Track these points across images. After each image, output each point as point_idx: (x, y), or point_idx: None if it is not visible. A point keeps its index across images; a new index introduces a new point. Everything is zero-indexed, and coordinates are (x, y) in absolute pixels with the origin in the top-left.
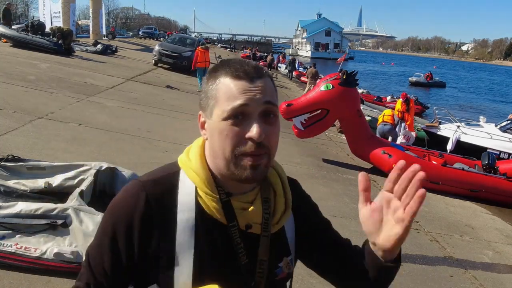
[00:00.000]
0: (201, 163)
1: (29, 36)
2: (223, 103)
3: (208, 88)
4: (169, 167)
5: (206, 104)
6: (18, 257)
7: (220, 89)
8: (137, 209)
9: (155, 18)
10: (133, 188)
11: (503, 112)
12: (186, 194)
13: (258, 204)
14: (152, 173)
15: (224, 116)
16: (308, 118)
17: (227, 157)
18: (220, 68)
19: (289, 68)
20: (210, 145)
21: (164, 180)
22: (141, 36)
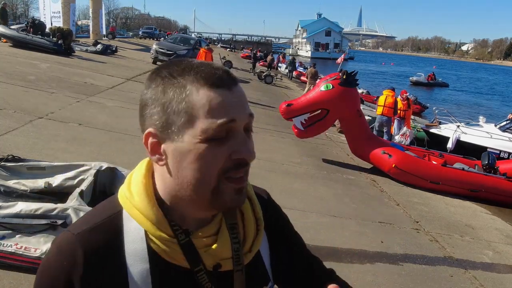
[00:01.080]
0: (148, 199)
1: (29, 36)
2: (203, 121)
3: (167, 100)
4: (108, 207)
5: (167, 121)
6: (18, 257)
7: (194, 101)
8: (76, 271)
9: (155, 18)
10: (66, 244)
11: (503, 111)
12: (134, 241)
13: (224, 235)
14: (87, 219)
15: (207, 137)
16: (308, 118)
17: (209, 185)
18: (185, 74)
19: (289, 68)
20: (176, 173)
21: (103, 228)
22: (141, 36)
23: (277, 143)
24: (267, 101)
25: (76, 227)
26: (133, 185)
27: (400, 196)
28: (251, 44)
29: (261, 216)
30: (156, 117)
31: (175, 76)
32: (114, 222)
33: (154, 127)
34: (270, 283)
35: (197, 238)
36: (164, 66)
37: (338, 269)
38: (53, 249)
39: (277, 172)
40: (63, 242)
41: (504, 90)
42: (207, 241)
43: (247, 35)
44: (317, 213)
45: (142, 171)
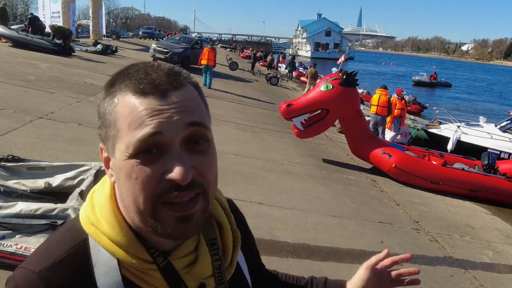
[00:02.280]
0: (117, 223)
1: (28, 37)
2: (126, 134)
3: (104, 111)
4: (70, 235)
5: (106, 135)
6: (18, 257)
7: (119, 112)
8: None
9: (155, 18)
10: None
11: (502, 111)
12: (107, 274)
13: (203, 251)
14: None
15: (130, 153)
16: (308, 118)
17: (142, 210)
18: (118, 80)
19: (289, 68)
20: (119, 191)
21: (69, 262)
22: (141, 36)
23: (277, 143)
24: (267, 101)
25: (35, 263)
26: (98, 207)
27: (400, 196)
28: (251, 44)
29: (236, 228)
30: (101, 131)
31: (112, 84)
32: (80, 254)
33: (102, 141)
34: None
35: (176, 259)
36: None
37: (338, 269)
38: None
39: (277, 172)
40: (21, 283)
41: (504, 90)
42: (187, 260)
43: (247, 35)
44: (317, 213)
45: (106, 190)
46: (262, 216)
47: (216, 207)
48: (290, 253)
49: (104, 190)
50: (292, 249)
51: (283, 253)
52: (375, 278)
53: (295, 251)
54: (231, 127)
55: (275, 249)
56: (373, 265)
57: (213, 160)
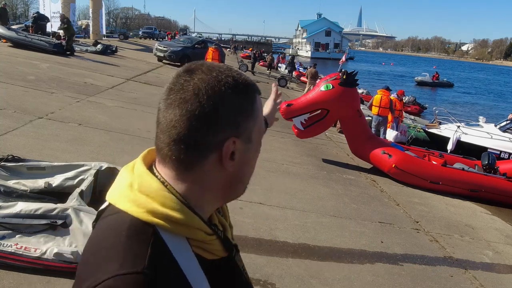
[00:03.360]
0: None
1: (28, 38)
2: (260, 123)
3: (245, 108)
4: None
5: (245, 127)
6: (18, 257)
7: (257, 108)
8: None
9: (155, 18)
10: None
11: (502, 111)
12: (184, 255)
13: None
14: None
15: (261, 137)
16: (308, 118)
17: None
18: (249, 83)
19: (289, 68)
20: (234, 175)
21: (157, 256)
22: (141, 36)
23: (277, 143)
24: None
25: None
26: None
27: (400, 196)
28: (251, 44)
29: None
30: (242, 124)
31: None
32: (160, 245)
33: (237, 134)
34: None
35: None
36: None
37: (338, 269)
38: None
39: (277, 172)
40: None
41: (504, 90)
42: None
43: (247, 35)
44: (317, 213)
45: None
46: (262, 216)
47: None
48: (290, 253)
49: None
50: (292, 249)
51: (283, 253)
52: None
53: (295, 251)
54: None
55: (275, 249)
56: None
57: None
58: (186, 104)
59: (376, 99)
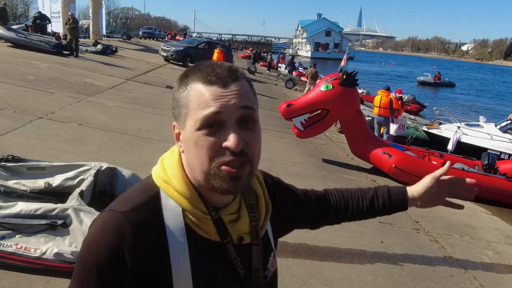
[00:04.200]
0: (184, 180)
1: (27, 39)
2: (195, 112)
3: (179, 96)
4: (146, 188)
5: (179, 114)
6: (18, 257)
7: (191, 96)
8: (125, 246)
9: (155, 18)
10: (114, 221)
11: (502, 111)
12: (173, 218)
13: (244, 213)
14: (128, 199)
15: (197, 126)
16: (308, 118)
17: (205, 170)
18: (191, 73)
19: (289, 68)
20: (187, 158)
21: (145, 207)
22: (141, 36)
23: (277, 143)
24: (266, 101)
25: (118, 206)
26: (169, 169)
27: None
28: (251, 44)
29: (268, 199)
30: (175, 111)
31: (186, 75)
32: (154, 202)
33: (175, 119)
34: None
35: (224, 215)
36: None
37: (338, 269)
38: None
39: (277, 172)
40: (110, 220)
41: (504, 90)
42: (232, 217)
43: (247, 35)
44: None
45: (176, 157)
46: None
47: (255, 181)
48: (290, 253)
49: (174, 157)
50: (292, 249)
51: (283, 253)
52: (436, 190)
53: (295, 251)
54: None
55: None
56: (439, 177)
57: (258, 137)
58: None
59: (376, 100)
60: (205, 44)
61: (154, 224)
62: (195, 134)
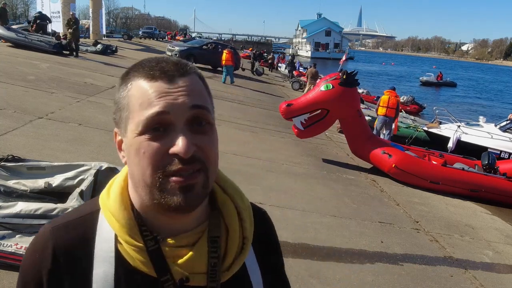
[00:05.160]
0: (121, 201)
1: (27, 39)
2: (137, 114)
3: (119, 97)
4: (89, 205)
5: (120, 118)
6: (18, 257)
7: (132, 95)
8: (44, 264)
9: (155, 18)
10: (41, 236)
11: (502, 111)
12: (104, 242)
13: (201, 247)
14: (67, 214)
15: (140, 130)
16: (308, 118)
17: (148, 182)
18: (133, 69)
19: (289, 68)
20: (129, 169)
21: (77, 224)
22: (141, 36)
23: (277, 143)
24: (267, 101)
25: (54, 221)
26: (113, 187)
27: (400, 196)
28: (251, 44)
29: (249, 235)
30: (115, 115)
31: (127, 73)
32: (89, 220)
33: (116, 125)
34: None
35: (169, 247)
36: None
37: (338, 269)
38: (31, 243)
39: (277, 172)
40: (39, 236)
41: (504, 89)
42: (180, 251)
43: (247, 35)
44: (317, 213)
45: (123, 174)
46: None
47: (230, 211)
48: (290, 253)
49: (122, 174)
50: (292, 249)
51: (283, 253)
52: None
53: (295, 251)
54: (231, 127)
55: None
56: None
57: (214, 141)
58: None
59: (383, 100)
60: (209, 45)
61: (82, 246)
62: (136, 139)
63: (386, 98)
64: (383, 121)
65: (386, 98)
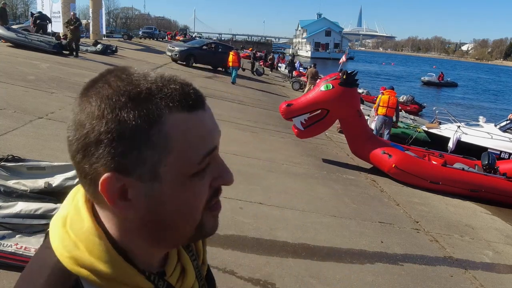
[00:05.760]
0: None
1: (27, 39)
2: (187, 153)
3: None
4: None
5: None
6: (18, 257)
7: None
8: None
9: (155, 18)
10: None
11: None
12: None
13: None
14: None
15: (194, 172)
16: (308, 118)
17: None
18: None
19: (289, 68)
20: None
21: None
22: (141, 36)
23: (277, 143)
24: (267, 101)
25: None
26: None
27: (400, 196)
28: (251, 44)
29: None
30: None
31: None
32: None
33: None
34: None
35: (170, 277)
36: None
37: (338, 269)
38: None
39: (277, 172)
40: None
41: (504, 89)
42: (177, 274)
43: (247, 35)
44: (317, 213)
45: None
46: (262, 216)
47: None
48: (290, 253)
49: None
50: (292, 249)
51: (283, 253)
52: None
53: (295, 251)
54: (231, 127)
55: (275, 249)
56: None
57: None
58: None
59: (383, 100)
60: (210, 45)
61: None
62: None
63: (386, 98)
64: (383, 121)
65: (386, 98)
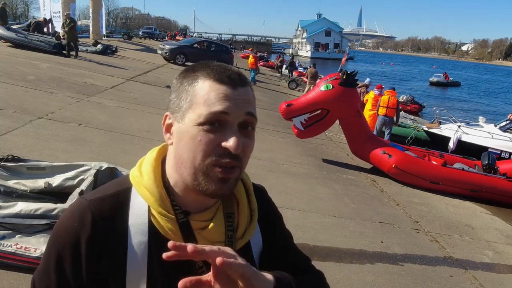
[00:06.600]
0: (155, 179)
1: (27, 39)
2: (200, 107)
3: (182, 89)
4: (120, 182)
5: (178, 106)
6: (18, 257)
7: (199, 90)
8: (83, 232)
9: (155, 18)
10: (78, 208)
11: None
12: (138, 214)
13: (219, 220)
14: (100, 190)
15: (200, 121)
16: (308, 118)
17: (196, 166)
18: (201, 68)
19: (289, 68)
20: (176, 151)
21: (113, 199)
22: (141, 36)
23: (277, 143)
24: (266, 101)
25: (89, 195)
26: (144, 166)
27: (400, 196)
28: (251, 44)
29: (255, 207)
30: (172, 102)
31: (195, 70)
32: (122, 196)
33: (170, 110)
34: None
35: (195, 220)
36: (196, 64)
37: (338, 269)
38: (66, 212)
39: (277, 172)
40: (75, 207)
41: (503, 89)
42: (203, 224)
43: (247, 35)
44: (317, 213)
45: (153, 155)
46: None
47: (239, 187)
48: None
49: (151, 155)
50: None
51: None
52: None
53: None
54: None
55: None
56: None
57: (253, 144)
58: None
59: (383, 100)
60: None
61: (117, 218)
62: (194, 128)
63: (386, 98)
64: (383, 121)
65: (386, 98)
